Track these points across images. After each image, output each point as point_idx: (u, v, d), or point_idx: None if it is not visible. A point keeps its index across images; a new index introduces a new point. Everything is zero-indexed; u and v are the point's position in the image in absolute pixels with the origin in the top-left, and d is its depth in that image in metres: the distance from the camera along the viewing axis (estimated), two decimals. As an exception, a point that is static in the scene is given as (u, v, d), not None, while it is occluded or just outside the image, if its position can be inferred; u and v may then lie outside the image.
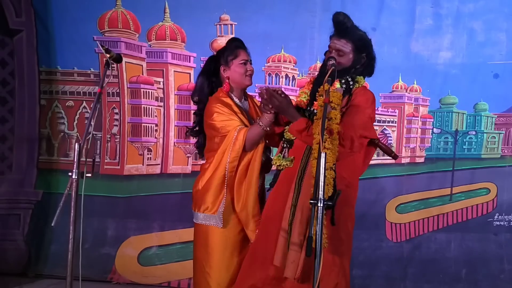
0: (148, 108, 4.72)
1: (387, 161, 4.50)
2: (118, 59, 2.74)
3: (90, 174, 2.52)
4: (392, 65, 4.41)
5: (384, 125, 4.64)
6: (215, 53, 3.06)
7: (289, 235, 2.50)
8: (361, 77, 2.70)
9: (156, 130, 4.75)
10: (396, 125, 4.66)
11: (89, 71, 4.77)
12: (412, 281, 4.40)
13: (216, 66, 2.95)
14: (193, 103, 3.06)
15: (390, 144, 4.59)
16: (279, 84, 4.63)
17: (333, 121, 2.34)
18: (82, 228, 2.53)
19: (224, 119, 2.78)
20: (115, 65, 4.45)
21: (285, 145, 2.76)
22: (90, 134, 2.62)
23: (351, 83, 2.65)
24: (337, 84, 2.60)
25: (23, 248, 4.62)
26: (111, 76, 4.58)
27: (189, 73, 4.73)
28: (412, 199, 4.57)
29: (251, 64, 2.94)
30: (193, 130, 3.04)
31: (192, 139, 3.12)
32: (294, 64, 4.64)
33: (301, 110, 2.71)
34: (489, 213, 4.51)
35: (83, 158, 2.53)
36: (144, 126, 4.73)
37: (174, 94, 4.72)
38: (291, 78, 4.67)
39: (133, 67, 4.71)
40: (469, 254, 4.43)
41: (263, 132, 2.73)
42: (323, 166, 2.08)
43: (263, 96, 2.66)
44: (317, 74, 2.75)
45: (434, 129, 4.62)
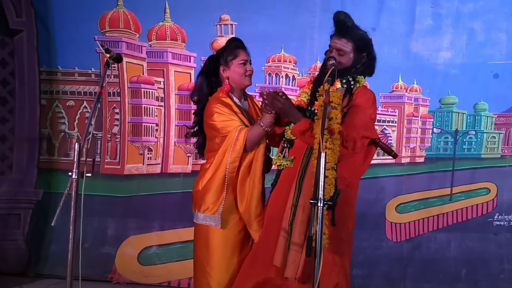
0: (149, 108, 4.72)
1: (387, 161, 4.50)
2: (118, 59, 2.75)
3: (90, 174, 2.51)
4: (392, 65, 4.41)
5: (384, 125, 4.64)
6: (215, 53, 3.05)
7: (289, 235, 2.50)
8: (362, 77, 2.70)
9: (156, 130, 4.75)
10: (396, 125, 4.66)
11: (90, 71, 4.77)
12: (412, 280, 4.40)
13: (216, 66, 2.94)
14: (192, 103, 3.06)
15: (390, 144, 4.59)
16: (279, 84, 4.64)
17: (333, 121, 2.34)
18: (82, 228, 2.53)
19: (224, 119, 2.78)
20: (116, 65, 4.51)
21: (285, 145, 2.76)
22: (90, 134, 2.62)
23: (352, 82, 2.65)
24: (338, 84, 2.60)
25: (23, 248, 4.61)
26: (111, 76, 4.62)
27: (190, 73, 4.73)
28: (412, 199, 4.57)
29: (250, 64, 2.93)
30: (193, 131, 3.04)
31: (192, 138, 3.11)
32: (294, 64, 4.64)
33: (302, 110, 2.71)
34: (489, 213, 4.51)
35: (83, 158, 2.53)
36: (144, 125, 4.73)
37: (175, 94, 4.72)
38: (291, 78, 4.67)
39: (133, 67, 4.72)
40: (469, 254, 4.43)
41: (264, 132, 2.72)
42: (323, 166, 2.09)
43: (264, 96, 2.66)
44: (318, 74, 2.75)
45: (434, 129, 4.62)
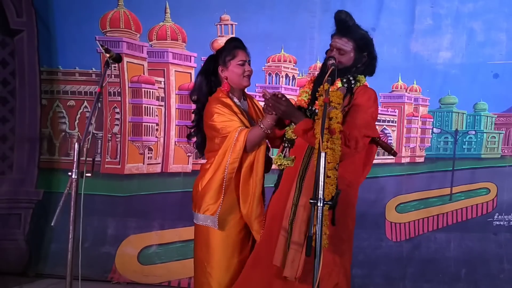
0: (149, 107, 4.73)
1: (387, 160, 4.51)
2: (117, 59, 2.75)
3: (90, 174, 2.51)
4: (391, 65, 4.40)
5: (384, 124, 4.64)
6: (215, 52, 3.04)
7: (289, 234, 2.49)
8: (362, 76, 2.69)
9: (157, 130, 4.75)
10: (396, 124, 4.66)
11: (90, 71, 4.78)
12: (411, 280, 4.40)
13: (215, 65, 2.93)
14: (192, 102, 3.05)
15: (390, 144, 4.59)
16: (279, 84, 4.64)
17: (334, 121, 2.33)
18: (82, 227, 2.53)
19: (224, 120, 2.77)
20: (116, 65, 4.52)
21: (286, 144, 2.76)
22: (90, 134, 2.63)
23: (352, 82, 2.65)
24: (339, 84, 2.60)
25: (23, 247, 4.62)
26: (112, 75, 4.64)
27: (190, 73, 4.74)
28: (412, 198, 4.57)
29: (249, 64, 2.91)
30: (192, 131, 3.04)
31: (194, 138, 3.11)
32: (294, 64, 4.64)
33: (302, 110, 2.71)
34: (489, 213, 4.50)
35: (83, 157, 2.53)
36: (145, 125, 4.74)
37: (175, 94, 4.73)
38: (291, 78, 4.67)
39: (134, 66, 4.72)
40: (468, 254, 4.43)
41: (264, 134, 2.72)
42: (323, 166, 2.09)
43: (266, 98, 2.65)
44: (318, 73, 2.75)
45: (434, 129, 4.62)
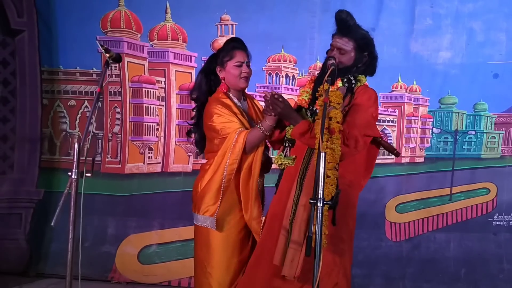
0: (150, 107, 4.74)
1: (387, 160, 4.51)
2: (117, 59, 2.75)
3: (90, 174, 2.51)
4: (391, 65, 4.40)
5: (384, 124, 4.64)
6: (216, 52, 3.04)
7: (289, 233, 2.50)
8: (363, 76, 2.69)
9: (157, 129, 4.76)
10: (396, 124, 4.66)
11: (91, 71, 4.79)
12: (411, 280, 4.39)
13: (215, 65, 2.93)
14: (192, 101, 3.05)
15: (390, 144, 4.59)
16: (279, 84, 4.64)
17: (333, 120, 2.33)
18: (83, 227, 2.53)
19: (224, 120, 2.77)
20: (117, 65, 4.53)
21: (286, 144, 2.76)
22: (90, 133, 2.63)
23: (353, 81, 2.65)
24: (340, 83, 2.60)
25: (24, 247, 4.62)
26: (112, 75, 4.65)
27: (191, 73, 4.74)
28: (412, 198, 4.57)
29: (248, 65, 2.89)
30: (190, 128, 3.05)
31: (193, 135, 3.12)
32: (294, 64, 4.65)
33: (303, 109, 2.71)
34: (489, 213, 4.50)
35: (83, 157, 2.53)
36: (145, 125, 4.74)
37: (176, 94, 4.73)
38: (291, 78, 4.68)
39: (135, 66, 4.73)
40: (468, 254, 4.43)
41: (263, 136, 2.72)
42: (323, 166, 2.09)
43: (267, 99, 2.65)
44: (319, 73, 2.75)
45: (434, 129, 4.62)
